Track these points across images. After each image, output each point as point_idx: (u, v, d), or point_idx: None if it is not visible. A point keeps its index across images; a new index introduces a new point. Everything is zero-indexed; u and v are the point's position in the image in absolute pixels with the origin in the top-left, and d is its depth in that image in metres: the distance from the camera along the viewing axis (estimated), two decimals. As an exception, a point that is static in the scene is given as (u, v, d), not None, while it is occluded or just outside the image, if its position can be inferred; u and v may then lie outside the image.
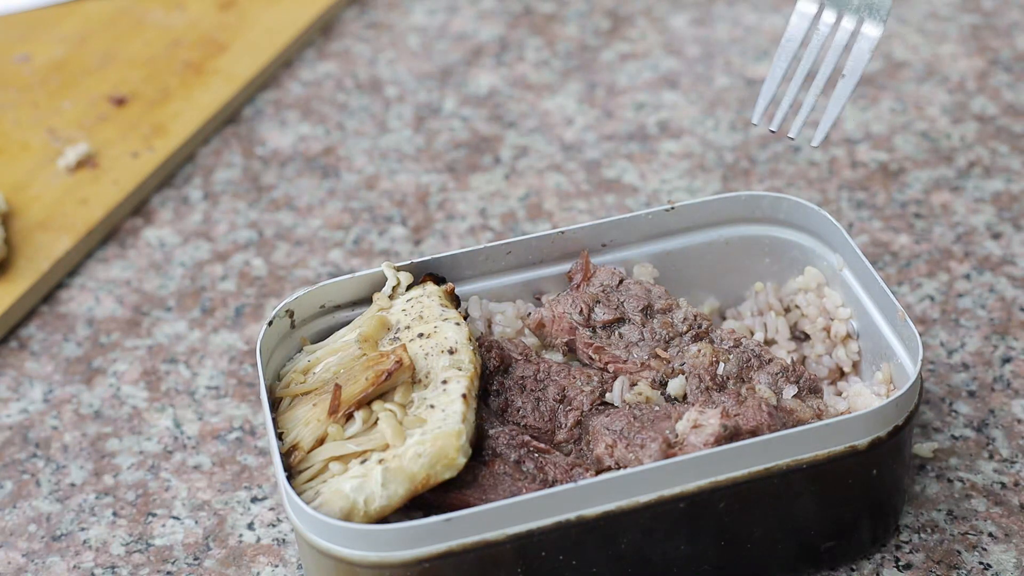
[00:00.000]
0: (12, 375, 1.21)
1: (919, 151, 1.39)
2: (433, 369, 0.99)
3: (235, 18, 1.59)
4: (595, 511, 0.92)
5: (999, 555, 1.02)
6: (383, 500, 0.93)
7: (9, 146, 1.43)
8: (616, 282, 1.08)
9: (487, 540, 0.91)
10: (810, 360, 1.09)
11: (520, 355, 1.04)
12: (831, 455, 0.95)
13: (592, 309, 1.06)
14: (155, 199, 1.39)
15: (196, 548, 1.07)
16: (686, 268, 1.13)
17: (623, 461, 0.96)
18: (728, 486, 0.94)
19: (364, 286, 1.07)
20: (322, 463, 0.96)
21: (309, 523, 0.92)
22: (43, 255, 1.30)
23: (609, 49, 1.56)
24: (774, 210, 1.11)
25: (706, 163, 1.39)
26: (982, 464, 1.09)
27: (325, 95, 1.51)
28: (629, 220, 1.11)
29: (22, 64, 1.54)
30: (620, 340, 1.05)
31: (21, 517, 1.10)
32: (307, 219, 1.36)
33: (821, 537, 1.00)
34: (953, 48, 1.52)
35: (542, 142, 1.43)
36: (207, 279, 1.30)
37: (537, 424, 1.01)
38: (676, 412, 0.98)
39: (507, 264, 1.10)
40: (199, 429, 1.16)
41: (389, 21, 1.62)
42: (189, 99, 1.48)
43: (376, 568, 0.91)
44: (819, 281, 1.10)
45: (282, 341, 1.05)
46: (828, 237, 1.09)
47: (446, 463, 0.93)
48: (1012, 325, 1.20)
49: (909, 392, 0.96)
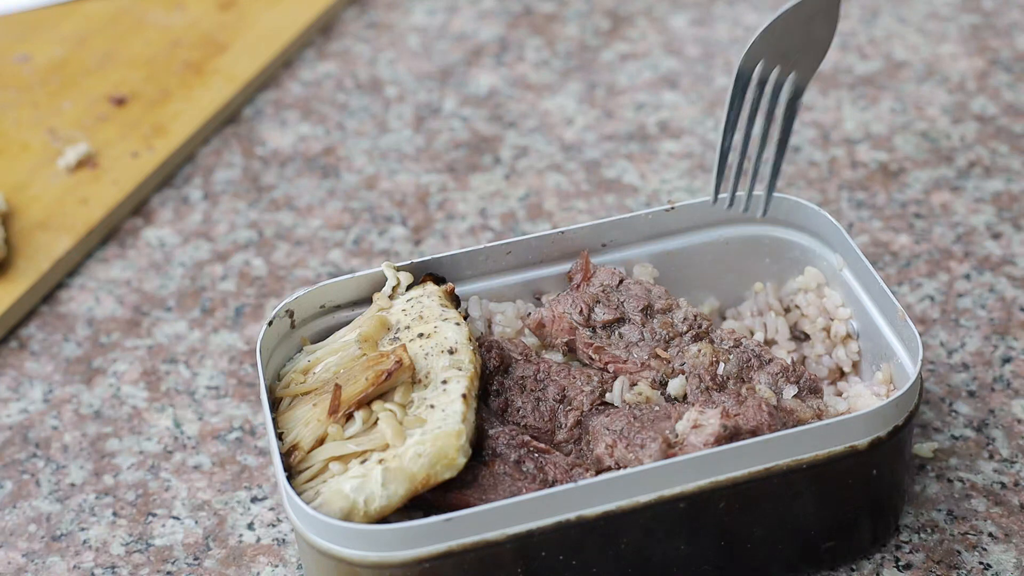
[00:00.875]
0: (12, 375, 1.21)
1: (919, 151, 1.39)
2: (433, 369, 0.99)
3: (235, 18, 1.59)
4: (595, 511, 0.92)
5: (999, 555, 1.02)
6: (383, 500, 0.93)
7: (9, 146, 1.43)
8: (616, 282, 1.08)
9: (487, 540, 0.91)
10: (810, 360, 1.08)
11: (520, 355, 1.04)
12: (831, 455, 0.95)
13: (592, 309, 1.06)
14: (155, 199, 1.39)
15: (196, 548, 1.07)
16: (686, 268, 1.13)
17: (623, 461, 0.96)
18: (728, 486, 0.94)
19: (364, 286, 1.07)
20: (322, 463, 0.96)
21: (309, 523, 0.92)
22: (43, 255, 1.30)
23: (609, 49, 1.56)
24: (774, 210, 1.11)
25: (706, 163, 1.39)
26: (982, 464, 1.09)
27: (325, 95, 1.51)
28: (629, 220, 1.11)
29: (22, 64, 1.54)
30: (620, 340, 1.05)
31: (21, 517, 1.10)
32: (307, 219, 1.36)
33: (821, 537, 1.00)
34: (953, 48, 1.52)
35: (542, 142, 1.44)
36: (207, 279, 1.30)
37: (537, 424, 1.01)
38: (676, 412, 0.98)
39: (507, 264, 1.10)
40: (199, 429, 1.16)
41: (389, 21, 1.62)
42: (189, 99, 1.48)
43: (376, 568, 0.91)
44: (819, 281, 1.10)
45: (282, 341, 1.05)
46: (828, 237, 1.09)
47: (446, 463, 0.93)
48: (1012, 325, 1.20)
49: (909, 392, 0.96)
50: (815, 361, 1.08)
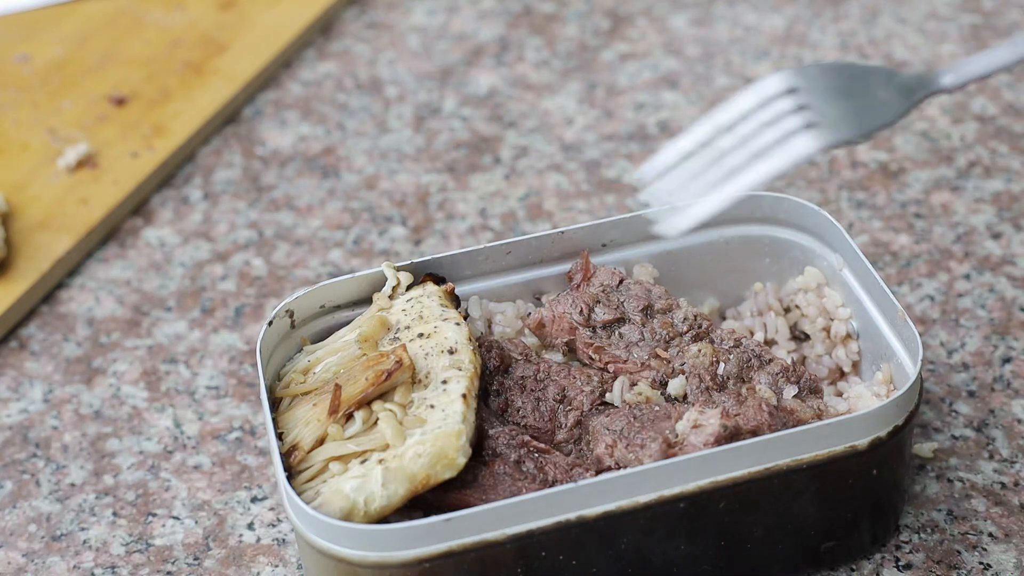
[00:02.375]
0: (12, 375, 1.21)
1: (919, 151, 1.39)
2: (433, 369, 0.99)
3: (235, 18, 1.59)
4: (595, 511, 0.92)
5: (999, 555, 1.02)
6: (383, 500, 0.93)
7: (9, 146, 1.43)
8: (616, 282, 1.08)
9: (487, 540, 0.91)
10: (810, 360, 1.08)
11: (520, 355, 1.04)
12: (831, 455, 0.95)
13: (592, 309, 1.06)
14: (155, 199, 1.39)
15: (196, 548, 1.07)
16: (686, 268, 1.13)
17: (623, 461, 0.96)
18: (728, 486, 0.94)
19: (364, 286, 1.07)
20: (322, 463, 0.96)
21: (309, 523, 0.92)
22: (43, 255, 1.30)
23: (609, 49, 1.56)
24: (774, 210, 1.11)
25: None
26: (982, 464, 1.09)
27: (325, 95, 1.51)
28: (629, 220, 1.10)
29: (22, 64, 1.54)
30: (620, 340, 1.05)
31: (21, 517, 1.10)
32: (307, 219, 1.36)
33: (821, 537, 1.00)
34: (953, 48, 1.52)
35: (542, 142, 1.43)
36: (207, 279, 1.30)
37: (537, 424, 1.01)
38: (676, 412, 0.98)
39: (507, 264, 1.10)
40: (199, 429, 1.16)
41: (389, 21, 1.62)
42: (189, 99, 1.48)
43: (376, 568, 0.91)
44: (819, 281, 1.10)
45: (282, 341, 1.05)
46: (828, 237, 1.09)
47: (446, 463, 0.93)
48: (1012, 325, 1.20)
49: (909, 392, 0.96)
50: (815, 361, 1.08)
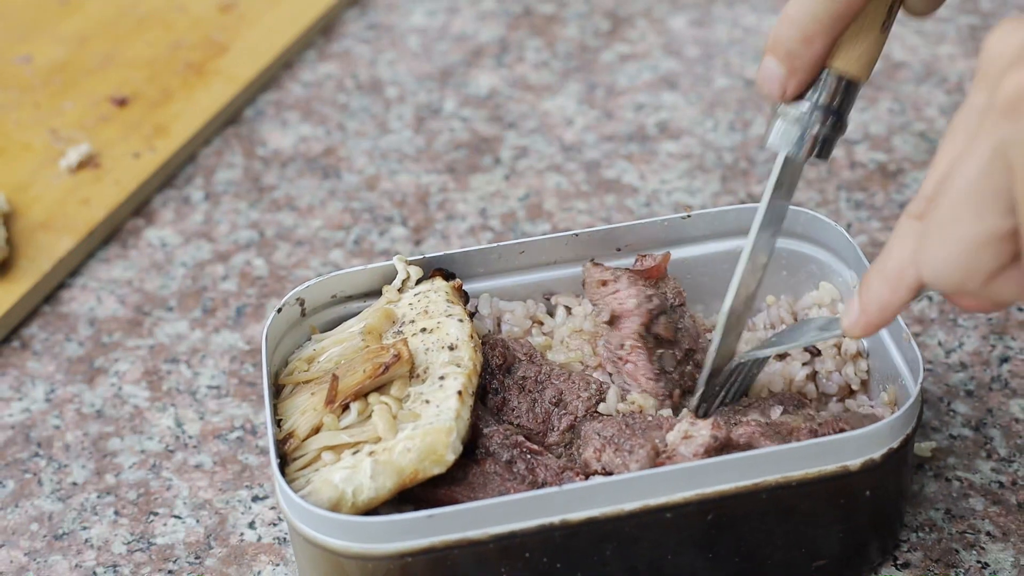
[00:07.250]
0: (14, 375, 1.22)
1: (917, 151, 1.40)
2: (432, 364, 0.99)
3: (236, 19, 1.60)
4: (579, 516, 0.91)
5: (997, 554, 1.03)
6: (371, 492, 0.93)
7: (11, 147, 1.44)
8: (678, 303, 1.06)
9: (470, 538, 0.91)
10: (820, 376, 1.06)
11: (524, 355, 1.04)
12: (822, 474, 0.93)
13: (656, 318, 1.04)
14: (156, 199, 1.40)
15: (197, 547, 1.07)
16: (702, 276, 1.11)
17: (611, 466, 0.95)
18: (715, 499, 0.92)
19: (376, 278, 1.08)
20: (316, 452, 0.96)
21: (296, 511, 0.92)
22: (45, 255, 1.30)
23: (609, 50, 1.56)
24: (791, 223, 1.10)
25: (705, 164, 1.40)
26: (980, 463, 1.09)
27: (326, 96, 1.52)
28: (644, 226, 1.10)
29: (23, 65, 1.55)
30: (657, 360, 1.03)
31: (23, 516, 1.10)
32: (308, 219, 1.36)
33: (812, 555, 0.98)
34: (951, 49, 1.53)
35: (542, 142, 1.44)
36: (208, 279, 1.30)
37: (530, 425, 1.01)
38: (668, 423, 0.97)
39: (520, 264, 1.10)
40: (200, 428, 1.16)
41: (389, 22, 1.62)
42: (190, 100, 1.48)
43: (358, 559, 0.91)
44: (833, 297, 1.09)
45: (292, 329, 1.05)
46: (843, 253, 1.08)
47: (434, 459, 0.93)
48: (1010, 325, 1.20)
49: (906, 414, 0.94)
50: (825, 377, 1.06)
